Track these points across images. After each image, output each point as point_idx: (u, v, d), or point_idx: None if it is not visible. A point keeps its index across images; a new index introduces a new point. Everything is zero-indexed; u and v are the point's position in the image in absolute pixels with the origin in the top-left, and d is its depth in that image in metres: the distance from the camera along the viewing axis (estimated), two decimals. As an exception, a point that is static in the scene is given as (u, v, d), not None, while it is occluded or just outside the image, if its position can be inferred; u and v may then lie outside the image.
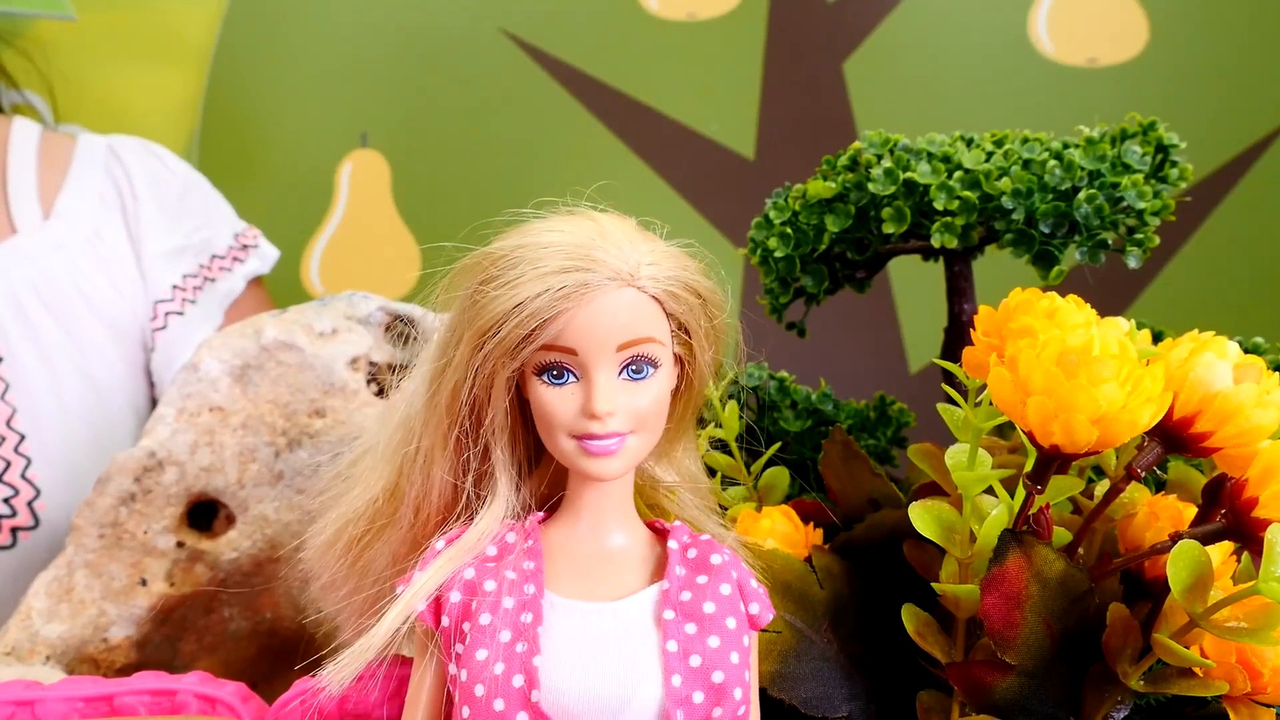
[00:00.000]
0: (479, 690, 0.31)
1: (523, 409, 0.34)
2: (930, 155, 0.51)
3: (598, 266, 0.32)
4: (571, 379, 0.33)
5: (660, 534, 0.35)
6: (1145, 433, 0.35)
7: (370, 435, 0.39)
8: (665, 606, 0.33)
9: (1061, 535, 0.38)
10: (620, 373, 0.33)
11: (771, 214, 0.54)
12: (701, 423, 0.48)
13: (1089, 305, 0.37)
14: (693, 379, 0.35)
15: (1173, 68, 1.01)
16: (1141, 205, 0.47)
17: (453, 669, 0.32)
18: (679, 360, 0.35)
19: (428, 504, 0.35)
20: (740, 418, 0.49)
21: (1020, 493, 0.37)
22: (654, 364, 0.33)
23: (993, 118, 1.03)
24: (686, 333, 0.34)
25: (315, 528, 0.39)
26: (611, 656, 0.32)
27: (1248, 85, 1.00)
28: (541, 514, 0.35)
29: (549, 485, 0.36)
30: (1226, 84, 1.00)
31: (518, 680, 0.31)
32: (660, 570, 0.34)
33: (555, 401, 0.33)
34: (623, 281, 0.32)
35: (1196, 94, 1.01)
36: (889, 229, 0.50)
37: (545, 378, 0.33)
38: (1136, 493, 0.40)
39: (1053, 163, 0.48)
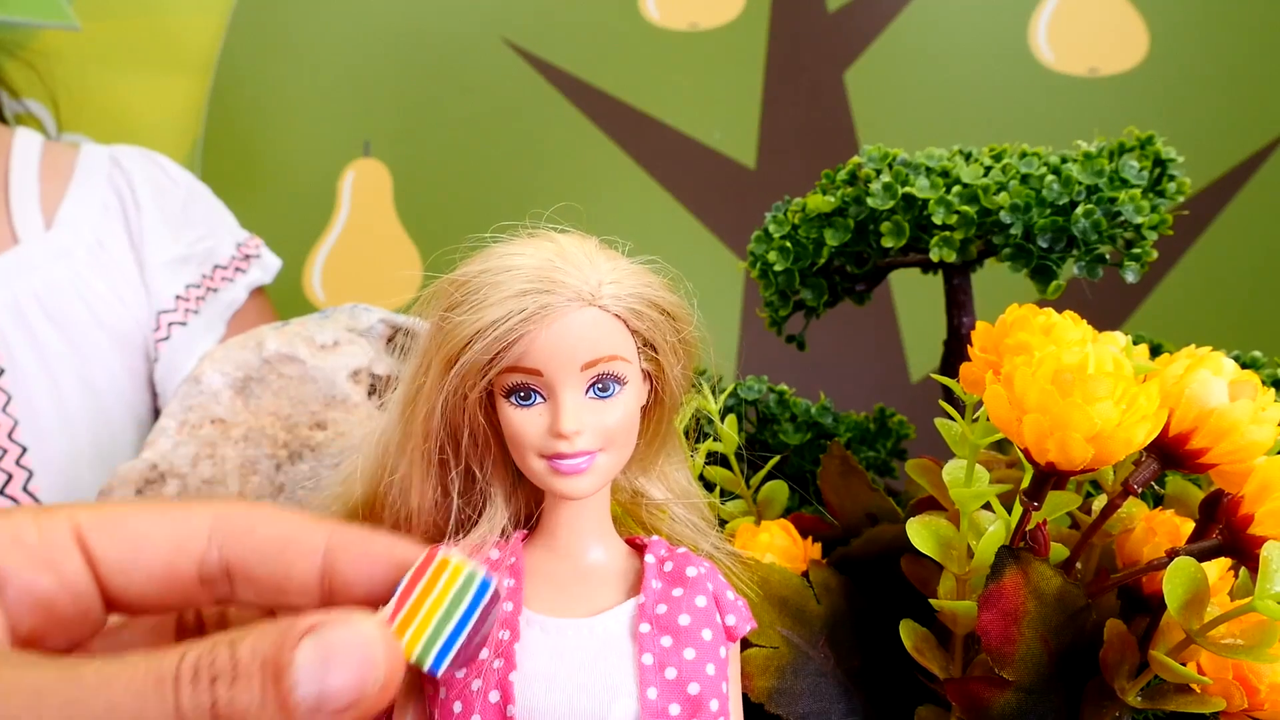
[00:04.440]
0: (457, 707, 0.32)
1: (500, 430, 0.35)
2: (929, 170, 0.51)
3: (558, 288, 0.32)
4: (539, 400, 0.33)
5: (638, 549, 0.36)
6: (1142, 449, 0.35)
7: (351, 462, 0.39)
8: (641, 620, 0.33)
9: (1059, 551, 0.39)
10: (586, 391, 0.33)
11: (771, 228, 0.54)
12: (702, 436, 0.48)
13: (1086, 320, 0.37)
14: (663, 394, 0.36)
15: (1173, 78, 1.02)
16: (1139, 220, 0.48)
17: (431, 687, 0.33)
18: (648, 376, 0.35)
19: (410, 526, 0.35)
20: (740, 431, 0.49)
21: (1017, 508, 0.37)
22: (620, 381, 0.33)
23: (994, 127, 1.04)
24: (653, 348, 0.34)
25: None
26: (587, 671, 0.32)
27: (1247, 95, 1.00)
28: (524, 531, 0.36)
29: (534, 502, 0.37)
30: (1226, 94, 1.01)
31: (494, 696, 0.31)
32: (637, 585, 0.34)
33: (523, 422, 0.33)
34: (584, 301, 0.32)
35: (1196, 104, 1.01)
36: (888, 243, 0.51)
37: (513, 399, 0.33)
38: (1134, 508, 0.40)
39: (1050, 177, 0.49)
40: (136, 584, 0.28)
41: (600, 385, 0.33)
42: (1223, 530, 0.35)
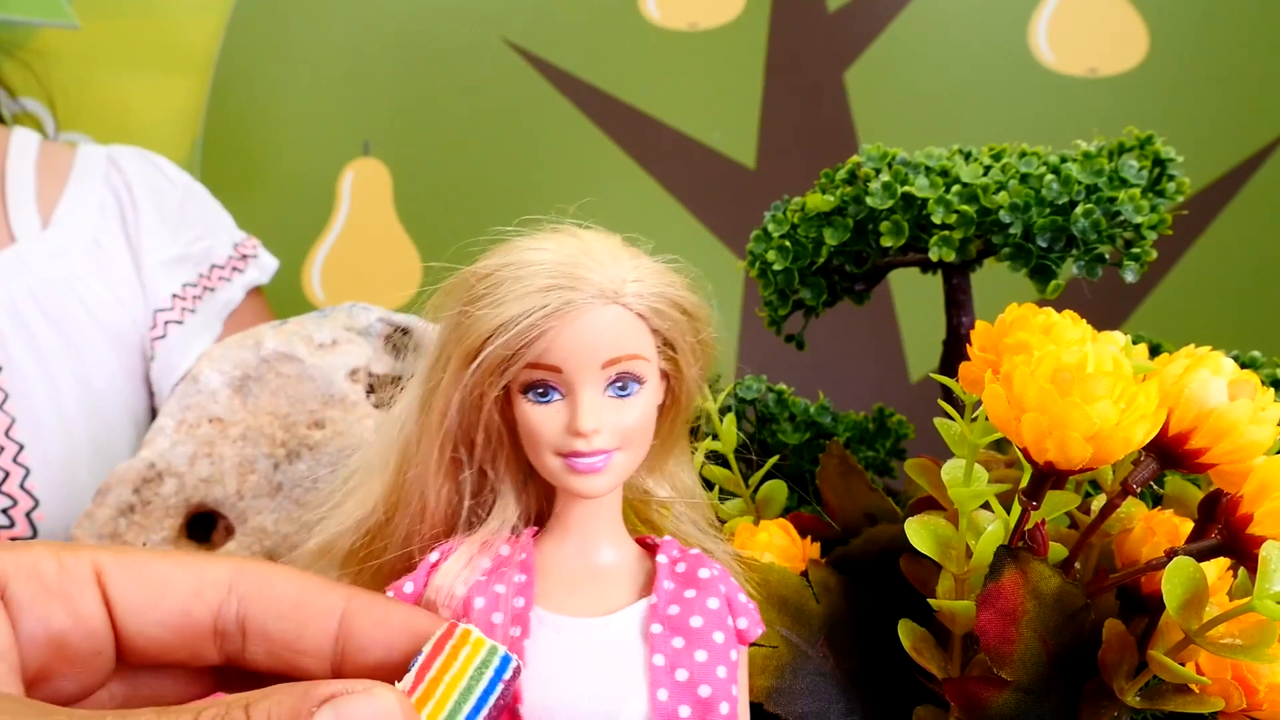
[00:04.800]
0: None
1: (514, 427, 0.34)
2: (928, 169, 0.51)
3: (582, 284, 0.32)
4: (557, 397, 0.33)
5: (650, 549, 0.35)
6: (1141, 448, 0.35)
7: (363, 454, 0.39)
8: (652, 621, 0.32)
9: (1057, 551, 0.38)
10: (605, 390, 0.33)
11: (770, 227, 0.54)
12: (699, 434, 0.48)
13: (1085, 320, 0.37)
14: (679, 394, 0.35)
15: (1172, 78, 1.02)
16: (1138, 219, 0.48)
17: None
18: (665, 376, 0.35)
19: (421, 523, 0.35)
20: (739, 430, 0.49)
21: (1016, 508, 0.37)
22: (639, 380, 0.33)
23: (993, 127, 1.04)
24: (672, 348, 0.34)
25: (300, 550, 0.39)
26: (598, 672, 0.32)
27: (1247, 96, 1.00)
28: (535, 528, 0.36)
29: (545, 500, 0.36)
30: (1225, 94, 1.01)
31: None
32: (649, 585, 0.34)
33: (541, 420, 0.33)
34: (607, 299, 0.32)
35: (1196, 104, 1.01)
36: (887, 242, 0.51)
37: (531, 396, 0.33)
38: (1133, 507, 0.40)
39: (1050, 177, 0.49)
40: (150, 627, 0.28)
41: (620, 384, 0.33)
42: (1221, 530, 0.35)
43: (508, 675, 0.27)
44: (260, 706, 0.23)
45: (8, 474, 0.67)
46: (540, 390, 0.33)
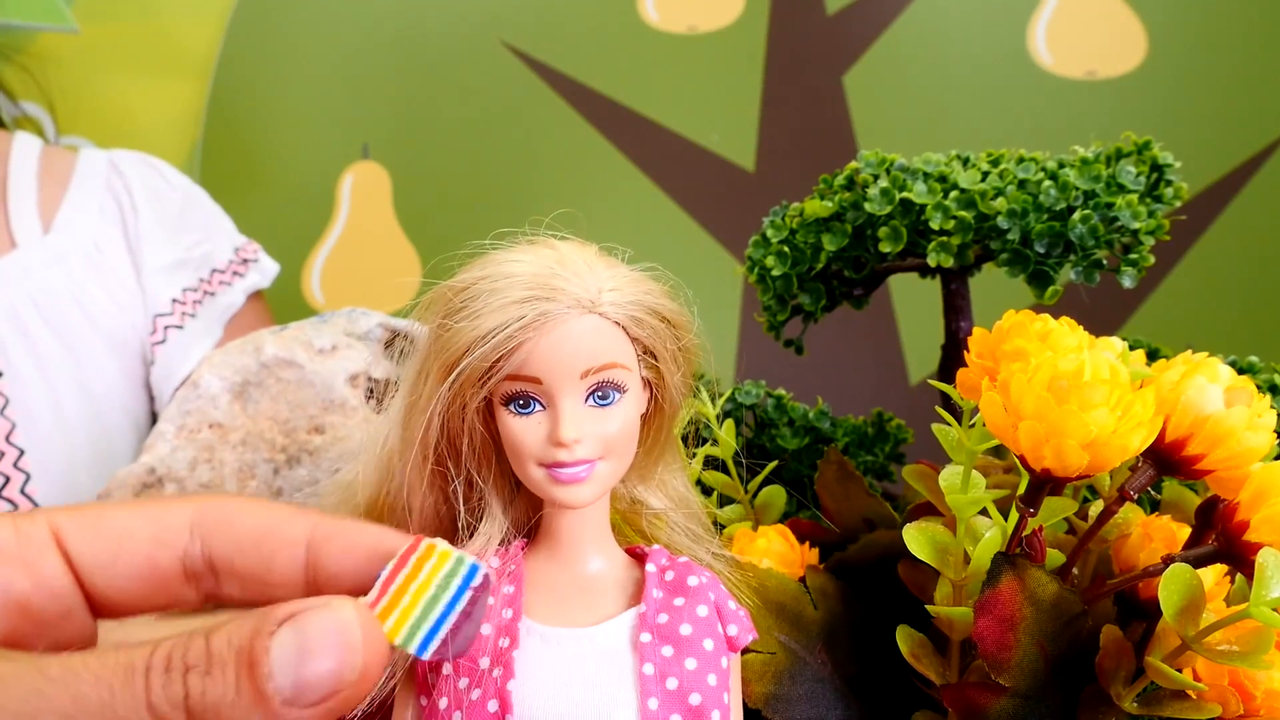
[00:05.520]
0: (456, 717, 0.31)
1: (499, 439, 0.34)
2: (926, 175, 0.51)
3: (558, 295, 0.32)
4: (538, 408, 0.33)
5: (639, 558, 0.35)
6: (1138, 454, 0.35)
7: (351, 468, 0.39)
8: (642, 629, 0.33)
9: (1055, 557, 0.39)
10: (586, 399, 0.33)
11: (769, 232, 0.54)
12: (700, 440, 0.48)
13: (1083, 325, 0.37)
14: (663, 402, 0.35)
15: (1171, 81, 1.02)
16: (1136, 225, 0.48)
17: (428, 698, 0.33)
18: (648, 384, 0.35)
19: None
20: (738, 435, 0.49)
21: (1014, 514, 0.37)
22: (620, 389, 0.33)
23: (992, 130, 1.04)
24: (653, 356, 0.34)
25: None
26: (587, 682, 0.32)
27: (1246, 98, 1.00)
28: (524, 540, 0.36)
29: (534, 510, 0.36)
30: (1224, 97, 1.01)
31: (492, 705, 0.31)
32: (638, 594, 0.34)
33: (523, 431, 0.33)
34: (584, 309, 0.32)
35: (1194, 107, 1.01)
36: (885, 248, 0.51)
37: (512, 407, 0.33)
38: (1130, 513, 0.40)
39: (1048, 183, 0.49)
40: (118, 581, 0.27)
41: (600, 393, 0.33)
42: (1218, 536, 0.35)
43: (476, 583, 0.27)
44: (220, 634, 0.23)
45: (8, 479, 0.67)
46: (521, 402, 0.33)
